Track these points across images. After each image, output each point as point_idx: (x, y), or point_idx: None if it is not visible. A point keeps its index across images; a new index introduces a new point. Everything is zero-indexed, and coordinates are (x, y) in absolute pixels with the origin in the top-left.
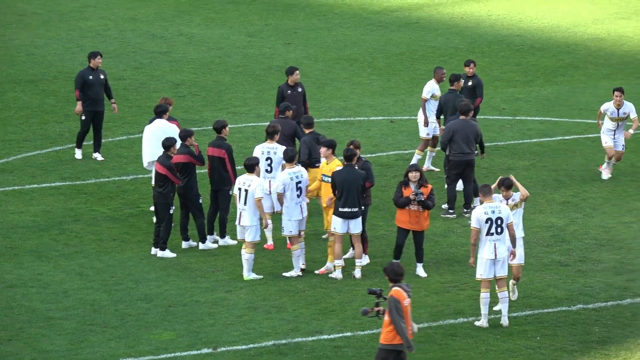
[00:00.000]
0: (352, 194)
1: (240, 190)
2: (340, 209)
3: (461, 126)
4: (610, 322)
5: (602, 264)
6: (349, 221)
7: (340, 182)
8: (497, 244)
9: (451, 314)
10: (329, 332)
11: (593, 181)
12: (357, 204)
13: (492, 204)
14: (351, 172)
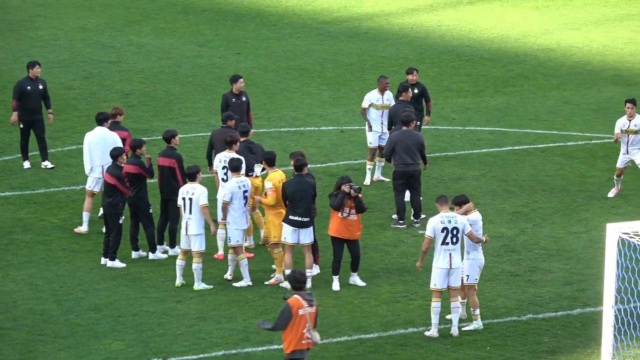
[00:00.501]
0: (303, 203)
1: (185, 199)
2: (291, 217)
3: (403, 137)
4: (560, 332)
5: (552, 274)
6: (299, 231)
7: (291, 193)
8: (452, 253)
9: (401, 324)
10: (279, 342)
11: (543, 191)
12: (308, 213)
13: (448, 213)
14: (301, 182)
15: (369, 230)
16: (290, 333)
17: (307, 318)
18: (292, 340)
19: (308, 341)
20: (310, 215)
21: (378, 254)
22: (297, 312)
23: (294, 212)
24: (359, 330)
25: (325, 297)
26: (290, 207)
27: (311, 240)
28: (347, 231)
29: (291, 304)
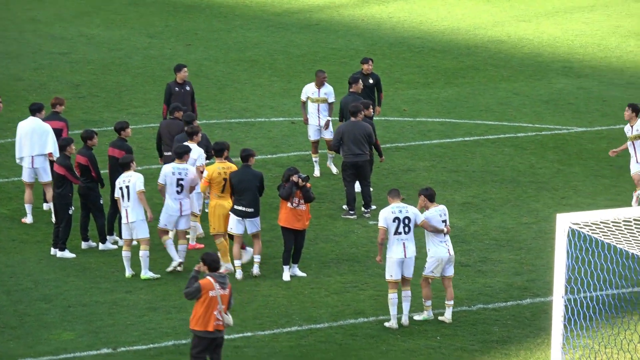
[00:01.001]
0: (248, 194)
1: (122, 189)
2: (236, 207)
3: (350, 127)
4: (510, 322)
5: (502, 264)
6: (245, 221)
7: (236, 183)
8: (406, 243)
9: (352, 313)
10: (229, 331)
11: (493, 182)
12: (254, 204)
13: (399, 204)
14: (247, 173)
15: (319, 220)
16: (200, 311)
17: (218, 300)
18: (200, 319)
19: (219, 323)
20: (255, 205)
21: (328, 244)
22: (208, 293)
23: (239, 202)
24: (309, 321)
25: (275, 287)
26: (236, 198)
27: (257, 229)
28: (297, 221)
29: (202, 285)
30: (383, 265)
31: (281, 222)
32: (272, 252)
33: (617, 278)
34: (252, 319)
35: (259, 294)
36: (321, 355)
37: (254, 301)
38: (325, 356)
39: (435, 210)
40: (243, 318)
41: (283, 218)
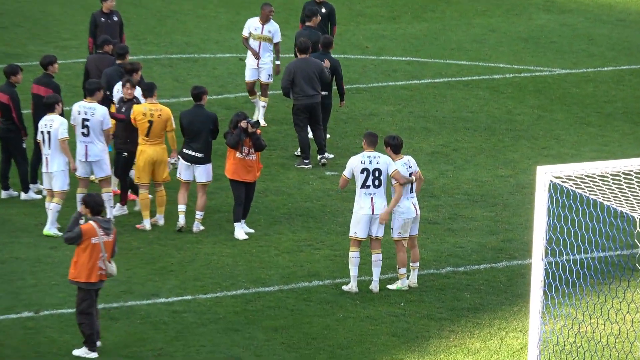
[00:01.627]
0: (200, 137)
1: (43, 133)
2: (185, 151)
3: (301, 65)
4: (483, 287)
5: (475, 222)
6: (194, 167)
7: (187, 124)
8: (374, 198)
9: (305, 276)
10: (167, 294)
11: (465, 129)
12: (205, 149)
13: (370, 153)
14: (199, 114)
15: (269, 170)
16: (82, 259)
17: (101, 247)
18: (82, 268)
19: (102, 272)
20: (206, 151)
21: (280, 197)
22: (90, 239)
23: (189, 146)
24: (257, 283)
25: (219, 245)
26: (186, 141)
27: (208, 179)
28: (247, 173)
29: (84, 230)
30: (342, 222)
31: (229, 173)
32: (216, 205)
33: (604, 239)
34: (192, 280)
35: (201, 252)
36: (270, 321)
37: (194, 260)
38: (274, 323)
39: (400, 163)
40: (182, 279)
41: (231, 169)
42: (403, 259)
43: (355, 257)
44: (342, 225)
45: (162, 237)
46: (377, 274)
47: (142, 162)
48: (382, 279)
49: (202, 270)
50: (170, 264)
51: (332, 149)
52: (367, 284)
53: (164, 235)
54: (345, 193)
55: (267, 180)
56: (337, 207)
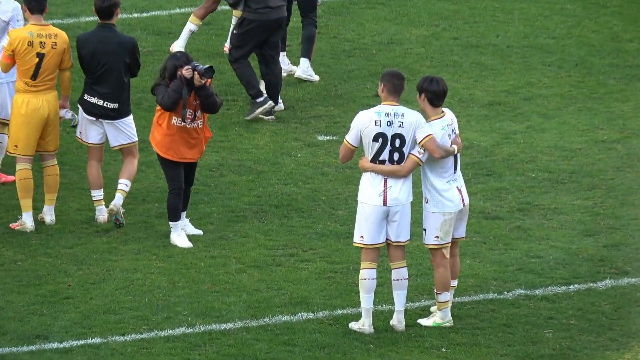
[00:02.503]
0: (108, 76)
1: None
2: (87, 97)
3: None
4: (574, 322)
5: (561, 217)
6: (105, 125)
7: (88, 55)
8: (389, 181)
9: (286, 305)
10: (61, 337)
11: (544, 66)
12: (119, 94)
13: (390, 107)
14: (107, 39)
15: (226, 135)
16: None
17: None
18: None
19: None
20: (121, 98)
21: (243, 177)
22: None
23: (92, 90)
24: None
25: (145, 255)
26: (87, 83)
27: (129, 140)
28: (189, 148)
29: None
30: (344, 217)
31: (160, 148)
32: (140, 191)
33: None
34: (101, 313)
35: (115, 268)
36: None
37: (105, 280)
38: None
39: (439, 123)
40: (85, 311)
41: (164, 143)
42: (445, 278)
43: (368, 279)
44: (345, 223)
45: (52, 243)
46: (402, 301)
47: (25, 120)
48: (409, 308)
49: (118, 296)
50: (65, 286)
51: (329, 99)
52: (385, 317)
53: (56, 239)
54: (349, 170)
55: (223, 150)
56: (336, 192)
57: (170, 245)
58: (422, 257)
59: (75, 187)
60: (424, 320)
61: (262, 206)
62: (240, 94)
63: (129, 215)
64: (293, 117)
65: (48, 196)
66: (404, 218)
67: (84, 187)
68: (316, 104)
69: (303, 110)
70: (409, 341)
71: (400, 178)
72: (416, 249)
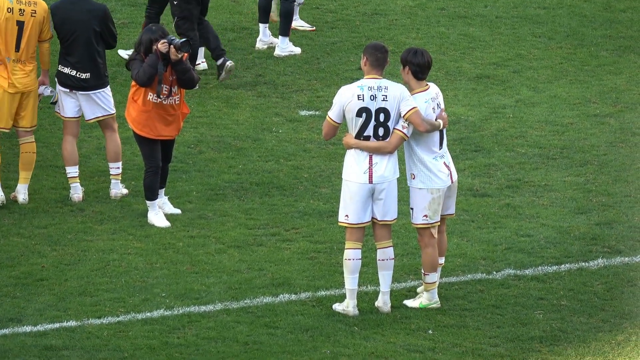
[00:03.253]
0: (82, 45)
1: None
2: (61, 68)
3: None
4: (565, 303)
5: (552, 194)
6: (80, 97)
7: (60, 23)
8: (374, 157)
9: (267, 286)
10: (35, 319)
11: (533, 37)
12: (92, 64)
13: (374, 80)
14: (77, 5)
15: (204, 109)
16: None
17: None
18: None
19: None
20: (95, 68)
21: (223, 154)
22: None
23: (65, 59)
24: (187, 299)
25: (121, 235)
26: (62, 52)
27: (107, 112)
28: (165, 124)
29: None
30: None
31: (135, 125)
32: None
33: None
34: (76, 295)
35: (91, 248)
36: None
37: (80, 261)
38: None
39: (423, 96)
40: (60, 294)
41: (139, 119)
42: (433, 258)
43: (352, 259)
44: (329, 201)
45: (25, 223)
46: (388, 281)
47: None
48: (394, 289)
49: (94, 277)
50: (39, 268)
51: (311, 73)
52: (370, 298)
53: (29, 219)
54: (333, 146)
55: (202, 126)
56: (319, 169)
57: (147, 225)
58: (408, 236)
59: (49, 165)
60: (410, 302)
61: (243, 184)
62: None
63: (104, 194)
64: (274, 92)
65: (22, 174)
66: (391, 196)
67: (58, 164)
68: (298, 78)
69: (284, 84)
70: (394, 323)
71: (386, 154)
72: (402, 228)
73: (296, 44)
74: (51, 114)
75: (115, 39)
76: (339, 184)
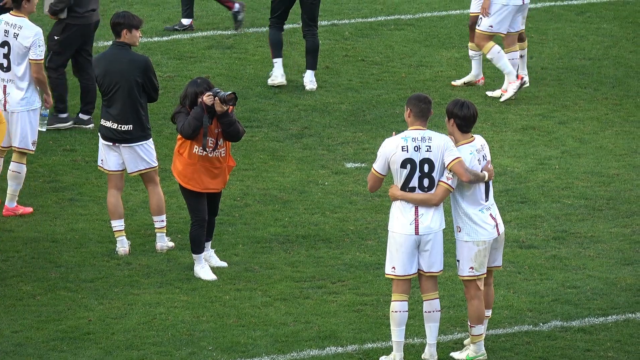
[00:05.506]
0: (120, 96)
1: None
2: (104, 122)
3: None
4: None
5: (598, 245)
6: (122, 150)
7: (101, 75)
8: (421, 208)
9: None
10: None
11: (579, 88)
12: (131, 116)
13: (417, 131)
14: (119, 56)
15: (250, 162)
16: None
17: None
18: None
19: None
20: (136, 120)
21: (269, 207)
22: None
23: (107, 112)
24: (234, 352)
25: (168, 289)
26: (103, 105)
27: (149, 165)
28: (212, 177)
29: None
30: (374, 247)
31: (182, 178)
32: None
33: None
34: (123, 348)
35: (137, 302)
36: None
37: (127, 315)
38: None
39: (468, 148)
40: (107, 347)
41: (185, 173)
42: (479, 310)
43: (399, 311)
44: (375, 253)
45: (72, 277)
46: (435, 333)
47: None
48: (441, 341)
49: (140, 331)
50: (86, 322)
51: (357, 125)
52: (417, 351)
53: (75, 272)
54: (379, 198)
55: (248, 179)
56: (365, 221)
57: (194, 278)
58: (454, 288)
59: (95, 219)
60: (457, 354)
61: (289, 237)
62: (265, 120)
63: (150, 247)
64: (320, 144)
65: None
66: (437, 247)
67: (104, 218)
68: (344, 130)
69: (330, 136)
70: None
71: (432, 207)
72: (448, 280)
73: (344, 97)
74: (97, 167)
75: (157, 92)
76: (385, 236)
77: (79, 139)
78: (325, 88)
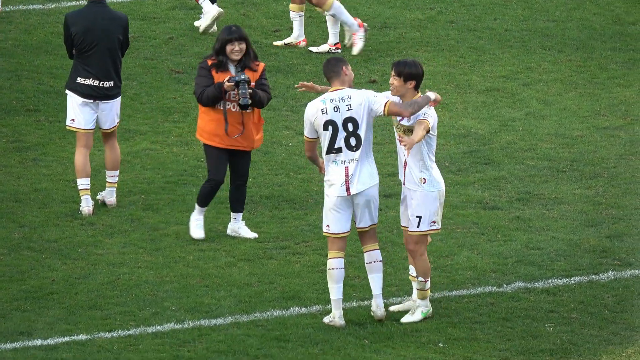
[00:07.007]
0: (102, 53)
1: None
2: (79, 79)
3: None
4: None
5: (562, 207)
6: (101, 106)
7: (81, 32)
8: (350, 167)
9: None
10: (45, 333)
11: (544, 50)
12: (113, 72)
13: (336, 92)
14: (100, 14)
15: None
16: None
17: None
18: None
19: None
20: (116, 77)
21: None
22: None
23: (85, 70)
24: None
25: (131, 249)
26: (79, 63)
27: (117, 121)
28: (238, 134)
29: None
30: None
31: (205, 136)
32: (126, 181)
33: None
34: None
35: (101, 262)
36: None
37: (91, 275)
38: None
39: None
40: (70, 307)
41: (209, 129)
42: (428, 264)
43: (336, 268)
44: None
45: (35, 237)
46: (379, 284)
47: None
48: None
49: (104, 291)
50: (49, 282)
51: None
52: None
53: (39, 232)
54: None
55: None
56: None
57: (157, 238)
58: None
59: (59, 179)
60: (406, 317)
61: (253, 197)
62: None
63: (114, 208)
64: (284, 105)
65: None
66: (371, 202)
67: (68, 178)
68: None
69: (294, 97)
70: (405, 336)
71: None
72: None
73: (308, 58)
74: (61, 127)
75: (127, 49)
76: None
77: (43, 99)
78: (289, 49)
